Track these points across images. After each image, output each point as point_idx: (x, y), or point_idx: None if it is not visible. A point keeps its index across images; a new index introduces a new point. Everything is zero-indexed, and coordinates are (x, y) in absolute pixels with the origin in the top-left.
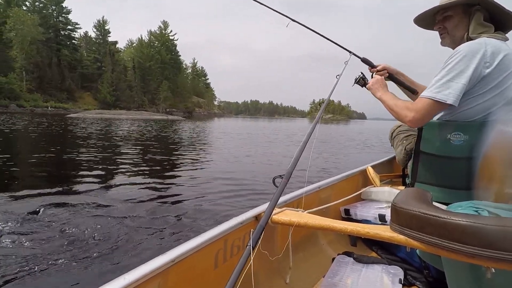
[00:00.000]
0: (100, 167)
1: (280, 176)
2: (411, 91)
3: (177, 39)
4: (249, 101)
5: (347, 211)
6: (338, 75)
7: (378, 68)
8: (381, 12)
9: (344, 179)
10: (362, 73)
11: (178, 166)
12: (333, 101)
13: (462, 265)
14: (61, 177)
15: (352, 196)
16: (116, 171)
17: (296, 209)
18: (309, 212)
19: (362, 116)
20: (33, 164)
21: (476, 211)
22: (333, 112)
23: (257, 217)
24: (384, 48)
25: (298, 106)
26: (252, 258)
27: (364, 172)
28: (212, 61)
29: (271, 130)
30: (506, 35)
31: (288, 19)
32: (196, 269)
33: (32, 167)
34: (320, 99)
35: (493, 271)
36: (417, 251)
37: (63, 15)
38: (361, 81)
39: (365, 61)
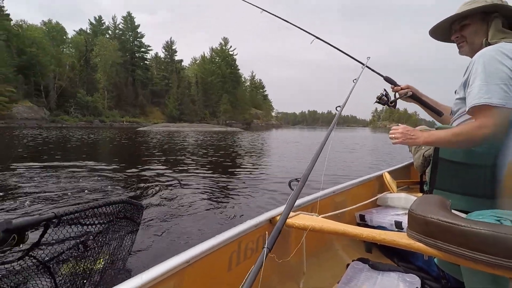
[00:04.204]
0: (167, 166)
1: (296, 179)
2: (436, 112)
3: (236, 54)
4: (306, 111)
5: (362, 217)
6: (355, 79)
7: (402, 86)
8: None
9: (360, 184)
10: (385, 89)
11: (239, 169)
12: (398, 109)
13: (482, 276)
14: (134, 173)
15: (368, 202)
16: (181, 170)
17: (311, 213)
18: (323, 217)
19: (431, 125)
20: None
21: (498, 221)
22: (398, 120)
23: (271, 220)
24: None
25: (359, 115)
26: (265, 261)
27: (380, 178)
28: (269, 73)
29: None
30: None
31: (313, 36)
32: (210, 271)
33: (113, 168)
34: (383, 108)
35: None
36: (435, 259)
37: (138, 39)
38: (384, 99)
39: (388, 79)
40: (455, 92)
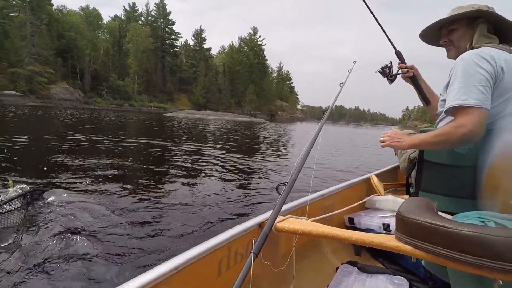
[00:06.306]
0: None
1: (283, 183)
2: (425, 100)
3: (265, 44)
4: (333, 106)
5: (351, 220)
6: (341, 83)
7: (407, 65)
8: None
9: (348, 188)
10: (391, 62)
11: (262, 160)
12: None
13: (468, 277)
14: (154, 159)
15: (356, 205)
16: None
17: (300, 217)
18: (312, 220)
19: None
20: (135, 146)
21: (483, 222)
22: (431, 121)
23: (260, 225)
24: None
25: (388, 113)
26: (255, 266)
27: (368, 181)
28: (297, 65)
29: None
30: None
31: None
32: (200, 277)
33: (134, 148)
34: (415, 106)
35: (501, 283)
36: (423, 261)
37: (169, 26)
38: (386, 70)
39: (398, 54)
40: (440, 94)
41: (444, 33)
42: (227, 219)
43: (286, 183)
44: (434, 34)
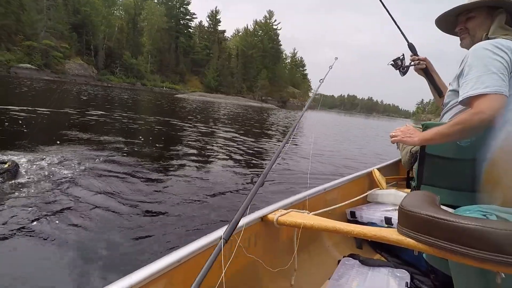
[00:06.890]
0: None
1: (258, 175)
2: (438, 92)
3: (280, 29)
4: (345, 96)
5: (352, 214)
6: (321, 79)
7: (420, 57)
8: None
9: (350, 181)
10: (403, 54)
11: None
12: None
13: (470, 270)
14: (163, 139)
15: (358, 198)
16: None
17: (302, 211)
18: (314, 214)
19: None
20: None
21: (484, 215)
22: None
23: (262, 218)
24: None
25: (402, 106)
26: (258, 258)
27: (370, 175)
28: (312, 52)
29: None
30: None
31: None
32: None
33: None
34: (430, 100)
35: (503, 276)
36: (424, 254)
37: (184, 6)
38: (398, 63)
39: (411, 47)
40: (449, 84)
41: (461, 20)
42: (230, 211)
43: (259, 175)
44: (450, 21)
